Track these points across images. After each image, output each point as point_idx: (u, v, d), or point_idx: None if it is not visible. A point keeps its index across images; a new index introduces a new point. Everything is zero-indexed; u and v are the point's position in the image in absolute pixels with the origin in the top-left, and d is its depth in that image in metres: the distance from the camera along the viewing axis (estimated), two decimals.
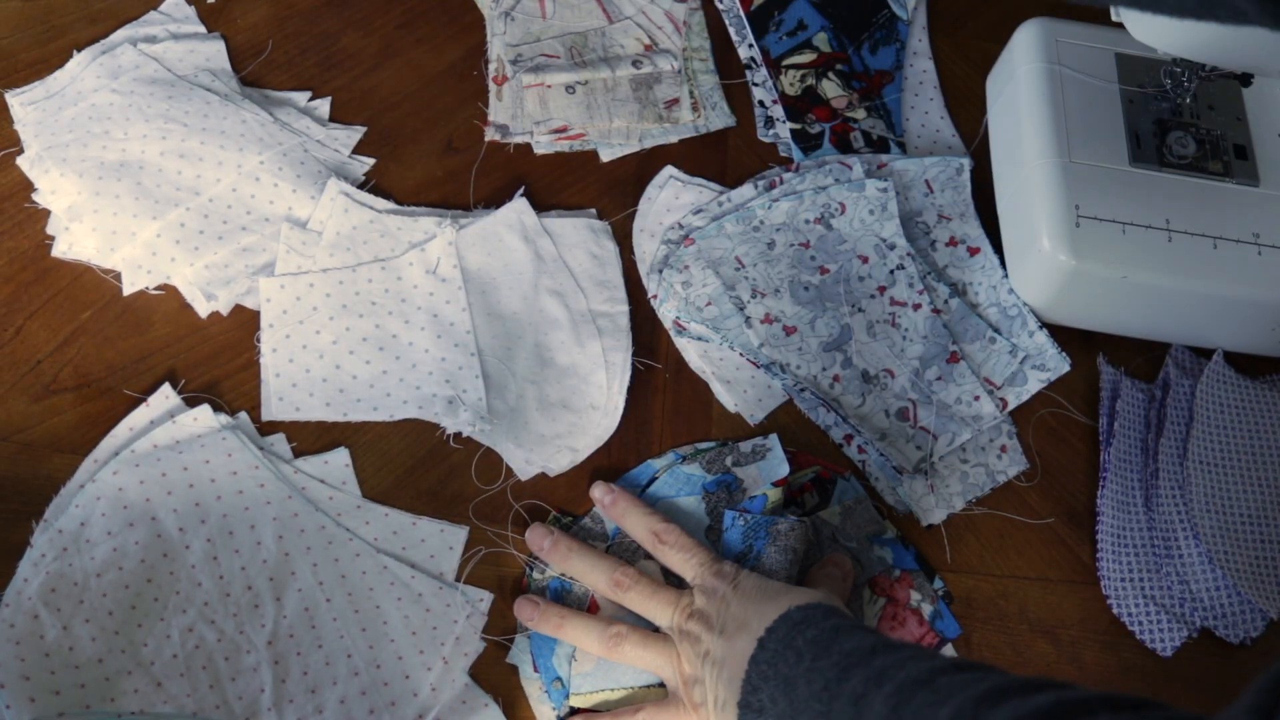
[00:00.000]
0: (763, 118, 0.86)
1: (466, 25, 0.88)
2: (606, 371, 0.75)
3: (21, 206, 0.75)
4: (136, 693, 0.61)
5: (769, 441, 0.72)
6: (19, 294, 0.73)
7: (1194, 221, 0.74)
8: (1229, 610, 0.71)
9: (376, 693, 0.64)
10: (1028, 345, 0.77)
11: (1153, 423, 0.76)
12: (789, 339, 0.76)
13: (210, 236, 0.74)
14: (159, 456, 0.67)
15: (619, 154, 0.83)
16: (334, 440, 0.71)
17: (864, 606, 0.68)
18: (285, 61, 0.84)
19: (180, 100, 0.78)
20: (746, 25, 0.89)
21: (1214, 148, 0.77)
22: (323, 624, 0.65)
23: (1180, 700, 0.69)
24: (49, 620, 0.61)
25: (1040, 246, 0.73)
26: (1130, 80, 0.80)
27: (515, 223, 0.78)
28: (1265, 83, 0.80)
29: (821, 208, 0.80)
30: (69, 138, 0.75)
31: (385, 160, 0.81)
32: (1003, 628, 0.70)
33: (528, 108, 0.83)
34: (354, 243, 0.76)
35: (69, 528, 0.64)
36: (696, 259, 0.78)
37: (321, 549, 0.67)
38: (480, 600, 0.67)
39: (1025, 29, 0.82)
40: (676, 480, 0.70)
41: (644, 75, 0.86)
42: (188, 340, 0.73)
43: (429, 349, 0.73)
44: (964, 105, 0.89)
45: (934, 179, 0.83)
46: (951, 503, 0.73)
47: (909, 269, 0.79)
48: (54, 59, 0.80)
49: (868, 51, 0.89)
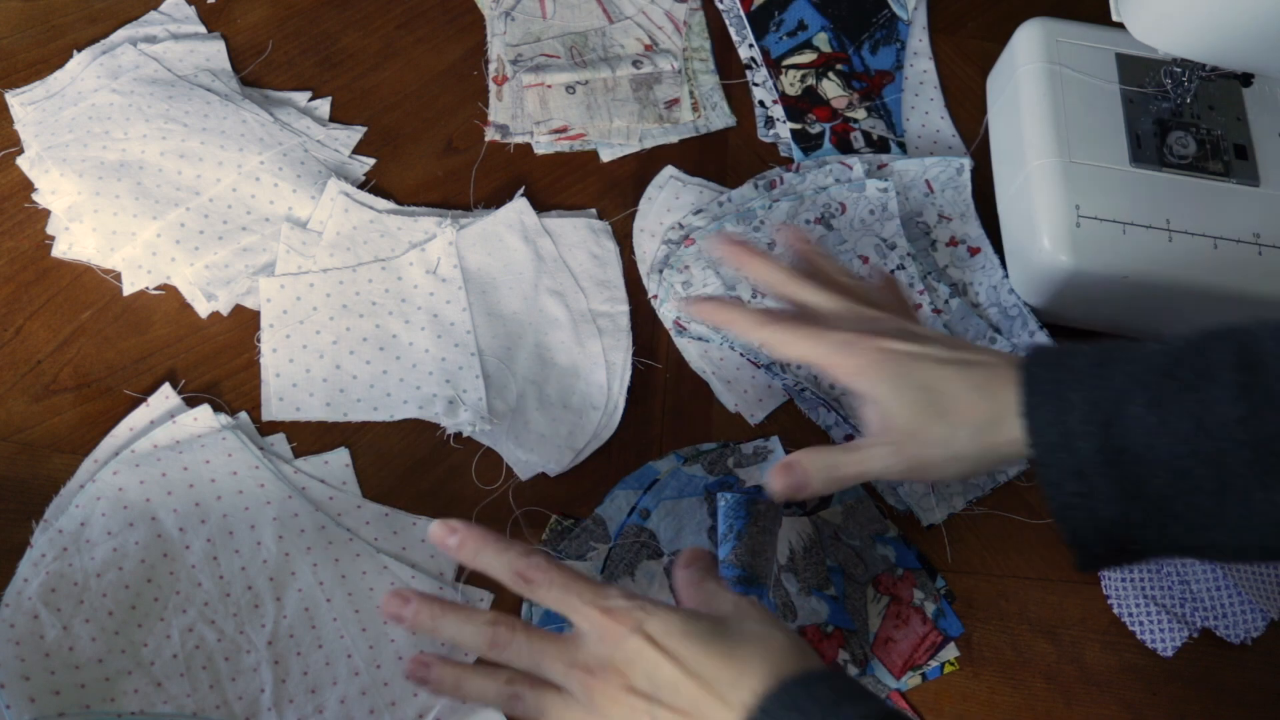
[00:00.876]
0: (763, 118, 0.86)
1: (466, 25, 0.88)
2: (607, 371, 0.75)
3: (21, 206, 0.75)
4: (136, 693, 0.61)
5: (770, 443, 0.72)
6: (19, 294, 0.73)
7: (1194, 221, 0.74)
8: (1229, 610, 0.71)
9: (376, 693, 0.64)
10: (1028, 345, 0.77)
11: None
12: None
13: (210, 236, 0.74)
14: (159, 456, 0.67)
15: (619, 154, 0.83)
16: (334, 440, 0.71)
17: (868, 605, 0.68)
18: (285, 61, 0.84)
19: (180, 100, 0.78)
20: (746, 25, 0.89)
21: (1214, 148, 0.77)
22: (323, 624, 0.65)
23: (1180, 700, 0.69)
24: (49, 620, 0.61)
25: (1040, 246, 0.73)
26: (1130, 80, 0.80)
27: (515, 223, 0.78)
28: (1265, 83, 0.80)
29: (822, 208, 0.80)
30: (69, 138, 0.75)
31: (385, 160, 0.81)
32: (1003, 627, 0.70)
33: (528, 108, 0.83)
34: (354, 243, 0.76)
35: (69, 528, 0.64)
36: (697, 259, 0.78)
37: (322, 549, 0.67)
38: (480, 600, 0.67)
39: (1025, 29, 0.82)
40: (678, 481, 0.70)
41: (644, 75, 0.86)
42: (188, 340, 0.73)
43: (429, 349, 0.73)
44: (964, 105, 0.89)
45: (934, 179, 0.83)
46: (952, 502, 0.73)
47: (909, 269, 0.79)
48: (54, 59, 0.80)
49: (868, 51, 0.89)
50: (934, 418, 0.55)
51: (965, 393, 0.55)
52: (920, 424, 0.55)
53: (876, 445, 0.56)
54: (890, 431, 0.56)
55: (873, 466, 0.56)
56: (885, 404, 0.56)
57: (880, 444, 0.56)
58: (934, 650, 0.68)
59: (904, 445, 0.55)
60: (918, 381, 0.55)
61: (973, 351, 0.57)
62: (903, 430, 0.55)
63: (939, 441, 0.55)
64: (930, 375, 0.55)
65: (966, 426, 0.54)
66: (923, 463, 0.56)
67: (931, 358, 0.56)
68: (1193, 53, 0.70)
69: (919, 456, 0.55)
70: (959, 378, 0.55)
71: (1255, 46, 0.67)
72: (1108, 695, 0.69)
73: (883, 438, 0.56)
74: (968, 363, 0.56)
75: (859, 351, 0.56)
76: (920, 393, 0.55)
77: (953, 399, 0.55)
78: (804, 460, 0.57)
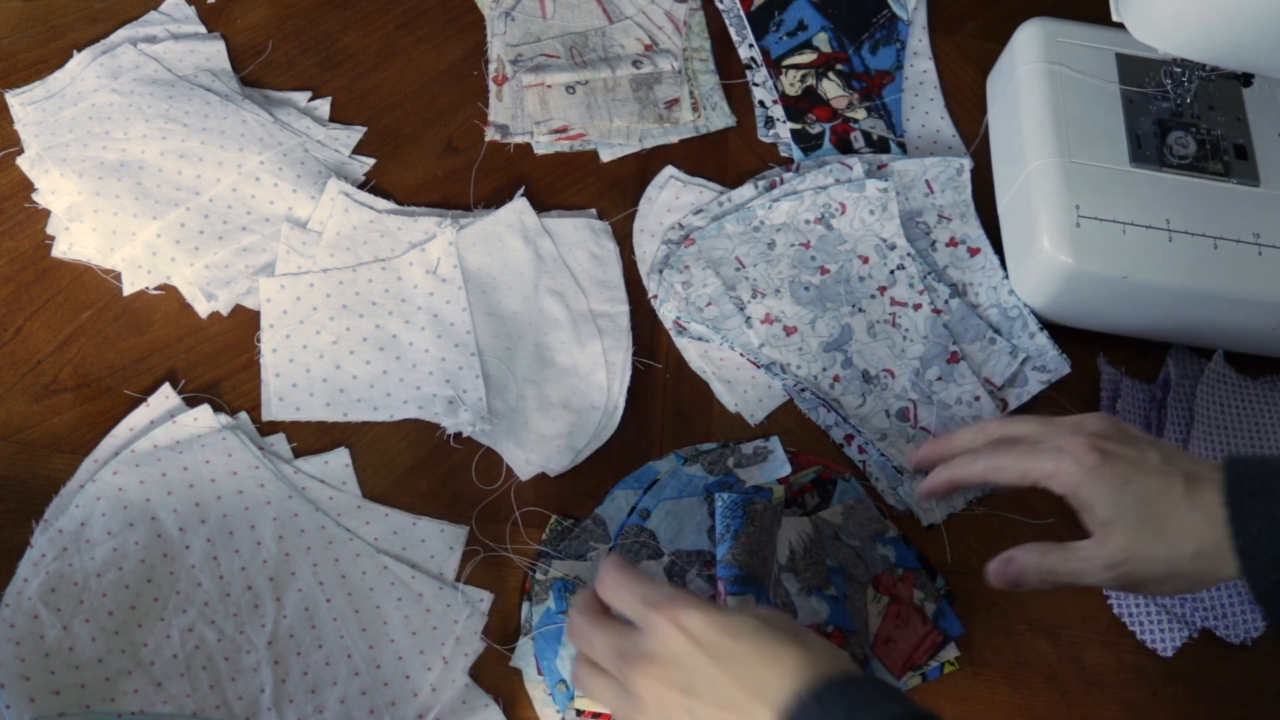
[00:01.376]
0: (763, 118, 0.86)
1: (466, 25, 0.88)
2: (607, 371, 0.75)
3: (21, 206, 0.75)
4: (136, 693, 0.61)
5: (770, 444, 0.72)
6: (19, 294, 0.73)
7: (1194, 221, 0.74)
8: (1229, 610, 0.71)
9: (376, 693, 0.64)
10: (1028, 346, 0.77)
11: (1153, 423, 0.76)
12: (789, 339, 0.76)
13: (210, 236, 0.74)
14: (159, 456, 0.67)
15: (619, 154, 0.83)
16: (334, 440, 0.71)
17: (868, 605, 0.68)
18: (285, 61, 0.84)
19: (180, 100, 0.78)
20: (747, 25, 0.89)
21: (1214, 148, 0.77)
22: (323, 624, 0.65)
23: (1180, 700, 0.69)
24: (49, 620, 0.61)
25: (1040, 246, 0.73)
26: (1130, 80, 0.80)
27: (515, 223, 0.78)
28: (1265, 83, 0.80)
29: (822, 208, 0.80)
30: (69, 138, 0.75)
31: (385, 160, 0.81)
32: (1003, 627, 0.70)
33: (528, 108, 0.83)
34: (354, 243, 0.76)
35: (69, 528, 0.64)
36: (697, 259, 0.78)
37: (321, 549, 0.67)
38: (480, 600, 0.67)
39: (1025, 29, 0.82)
40: (679, 481, 0.70)
41: (644, 75, 0.86)
42: (188, 340, 0.73)
43: (429, 349, 0.73)
44: (964, 105, 0.89)
45: (934, 179, 0.83)
46: (952, 502, 0.73)
47: (909, 269, 0.79)
48: (54, 59, 0.80)
49: (868, 51, 0.89)
50: (1152, 536, 0.55)
51: (1185, 514, 0.55)
52: (1139, 543, 0.55)
53: (1095, 559, 0.57)
54: (1109, 546, 0.56)
55: (1087, 581, 0.57)
56: (1104, 518, 0.56)
57: (1099, 558, 0.56)
58: (934, 650, 0.68)
59: (1123, 564, 0.56)
60: (1136, 495, 0.55)
61: (1184, 458, 0.57)
62: (1121, 548, 0.56)
63: (1159, 560, 0.55)
64: (1148, 488, 0.55)
65: (1188, 547, 0.55)
66: (1140, 580, 0.56)
67: (1149, 467, 0.56)
68: (1193, 53, 0.70)
69: (1136, 575, 0.56)
70: (1176, 491, 0.55)
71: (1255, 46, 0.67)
72: (1108, 695, 0.69)
73: (1101, 551, 0.56)
74: (1184, 474, 0.56)
75: (1075, 454, 0.56)
76: (1139, 508, 0.55)
77: (1173, 520, 0.55)
78: (1022, 559, 0.58)
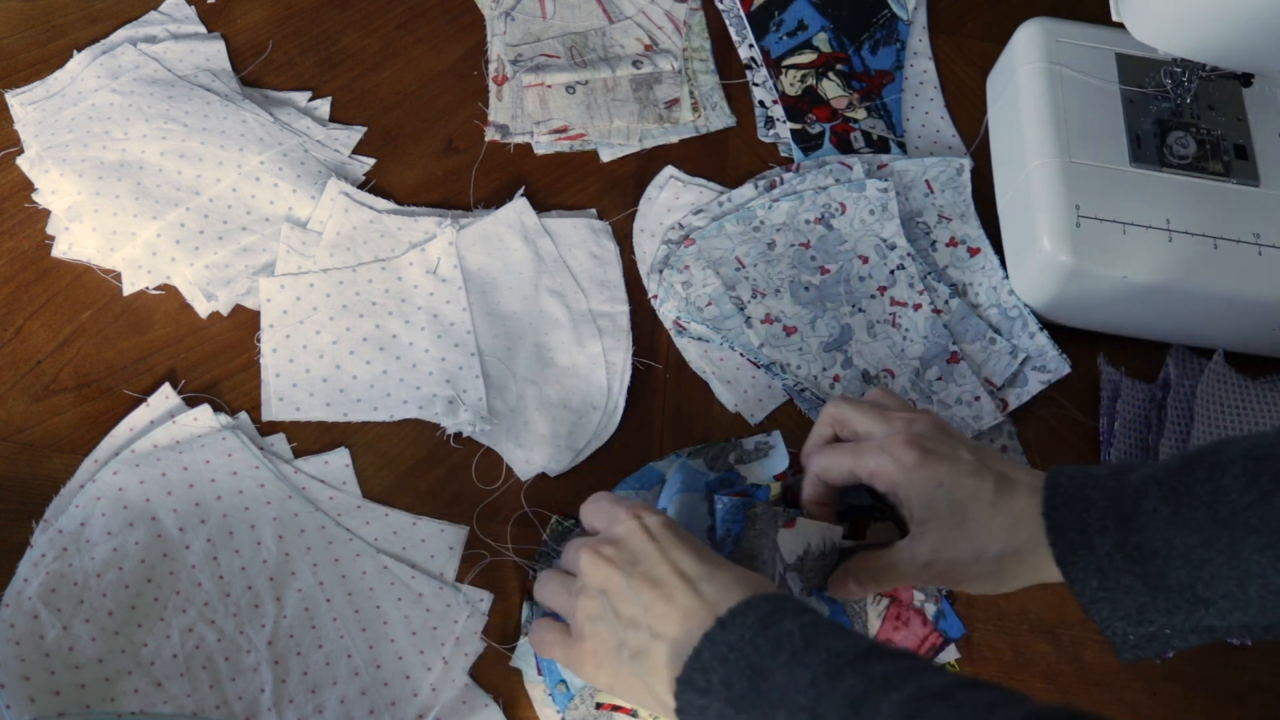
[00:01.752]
0: (763, 118, 0.86)
1: (466, 25, 0.88)
2: (607, 371, 0.75)
3: (21, 206, 0.75)
4: (136, 693, 0.61)
5: (772, 439, 0.72)
6: (19, 294, 0.73)
7: (1194, 221, 0.74)
8: None
9: (376, 693, 0.64)
10: (1028, 346, 0.77)
11: (1153, 423, 0.76)
12: (789, 339, 0.76)
13: (210, 236, 0.74)
14: (159, 456, 0.67)
15: (619, 154, 0.83)
16: (334, 440, 0.71)
17: (867, 606, 0.68)
18: (285, 61, 0.84)
19: (180, 100, 0.78)
20: (746, 25, 0.89)
21: (1214, 148, 0.77)
22: (323, 624, 0.65)
23: (1180, 700, 0.69)
24: (49, 620, 0.61)
25: (1040, 246, 0.73)
26: (1130, 80, 0.80)
27: (515, 223, 0.78)
28: (1265, 83, 0.80)
29: (822, 208, 0.80)
30: (69, 138, 0.75)
31: (385, 160, 0.81)
32: (1003, 628, 0.70)
33: (528, 108, 0.83)
34: (354, 243, 0.76)
35: (69, 528, 0.64)
36: (697, 259, 0.78)
37: (321, 549, 0.67)
38: (480, 600, 0.67)
39: (1025, 29, 0.82)
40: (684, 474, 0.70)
41: (644, 75, 0.86)
42: (188, 340, 0.73)
43: (429, 349, 0.73)
44: (964, 105, 0.89)
45: (934, 179, 0.83)
46: None
47: (909, 269, 0.79)
48: (54, 59, 0.80)
49: (868, 51, 0.89)
50: (960, 537, 0.59)
51: (991, 517, 0.59)
52: (948, 543, 0.60)
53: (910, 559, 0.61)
54: (921, 546, 0.60)
55: (907, 579, 0.62)
56: (919, 517, 0.60)
57: (913, 557, 0.61)
58: (934, 652, 0.68)
59: (933, 564, 0.60)
60: (948, 495, 0.59)
61: (1000, 461, 0.61)
62: (932, 548, 0.60)
63: (965, 561, 0.60)
64: (960, 490, 0.59)
65: (992, 549, 0.59)
66: (952, 579, 0.61)
67: (963, 469, 0.60)
68: (1193, 53, 0.70)
69: (946, 574, 0.61)
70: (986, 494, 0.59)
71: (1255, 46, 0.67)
72: (1108, 695, 0.69)
73: (914, 550, 0.61)
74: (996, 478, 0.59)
75: (894, 453, 0.60)
76: (950, 508, 0.59)
77: (979, 523, 0.59)
78: (850, 566, 0.64)
